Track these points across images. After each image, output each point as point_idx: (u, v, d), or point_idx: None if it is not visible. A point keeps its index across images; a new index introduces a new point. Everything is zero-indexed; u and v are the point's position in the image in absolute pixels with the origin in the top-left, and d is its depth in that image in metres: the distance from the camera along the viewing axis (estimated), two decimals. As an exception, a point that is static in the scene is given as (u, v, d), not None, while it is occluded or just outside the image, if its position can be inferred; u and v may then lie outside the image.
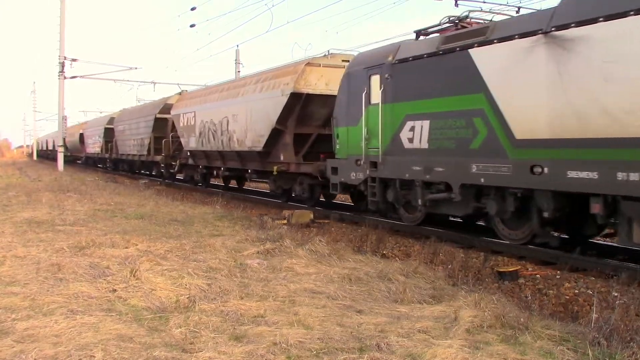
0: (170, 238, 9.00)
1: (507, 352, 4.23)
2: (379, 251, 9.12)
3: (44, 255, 7.54)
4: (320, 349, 4.27)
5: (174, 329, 4.71)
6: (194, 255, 7.57)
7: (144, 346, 4.30)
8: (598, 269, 7.79)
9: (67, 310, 5.15)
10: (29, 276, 6.43)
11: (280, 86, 14.95)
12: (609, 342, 4.40)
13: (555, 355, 4.24)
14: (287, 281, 6.40)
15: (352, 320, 5.01)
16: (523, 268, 8.14)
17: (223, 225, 11.14)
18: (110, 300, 5.56)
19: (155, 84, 36.89)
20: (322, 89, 14.57)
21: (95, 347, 4.20)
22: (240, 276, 6.58)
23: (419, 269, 7.21)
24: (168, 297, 5.64)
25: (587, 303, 6.53)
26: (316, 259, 7.56)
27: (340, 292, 5.96)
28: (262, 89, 16.05)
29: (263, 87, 16.08)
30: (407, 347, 4.28)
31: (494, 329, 4.77)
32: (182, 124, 21.86)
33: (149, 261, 6.96)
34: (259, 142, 15.81)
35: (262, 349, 4.20)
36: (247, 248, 8.22)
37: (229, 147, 17.76)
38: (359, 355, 4.14)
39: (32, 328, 4.67)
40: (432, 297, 5.92)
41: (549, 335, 4.63)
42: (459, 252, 8.82)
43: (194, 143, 20.63)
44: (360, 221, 11.97)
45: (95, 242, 8.33)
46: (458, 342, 4.38)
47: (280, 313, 5.18)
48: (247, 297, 5.70)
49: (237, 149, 17.24)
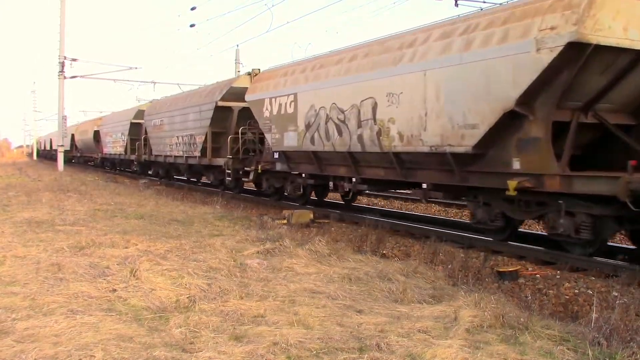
0: (170, 238, 9.00)
1: (507, 352, 4.24)
2: (378, 251, 9.12)
3: (44, 255, 7.54)
4: (320, 348, 4.27)
5: (174, 329, 4.71)
6: (194, 255, 7.57)
7: (144, 346, 4.30)
8: (598, 269, 7.80)
9: (67, 310, 5.15)
10: (29, 276, 6.43)
11: (532, 32, 7.91)
12: (609, 342, 4.40)
13: (555, 355, 4.24)
14: (287, 281, 6.40)
15: (352, 320, 5.01)
16: (523, 268, 8.14)
17: (223, 225, 11.14)
18: (110, 300, 5.56)
19: (155, 83, 36.86)
20: (621, 37, 7.61)
21: (95, 347, 4.20)
22: (240, 276, 6.58)
23: (419, 269, 7.22)
24: (168, 297, 5.64)
25: (587, 303, 6.53)
26: (316, 259, 7.56)
27: (340, 292, 5.96)
28: (474, 43, 8.90)
29: (475, 40, 8.91)
30: (407, 347, 4.28)
31: (494, 329, 4.77)
32: (267, 113, 15.25)
33: (149, 261, 6.96)
34: (462, 137, 9.12)
35: (262, 349, 4.20)
36: (247, 248, 8.23)
37: (374, 147, 11.18)
38: (359, 355, 4.14)
39: (32, 328, 4.67)
40: (432, 297, 5.92)
41: (549, 335, 4.63)
42: (459, 252, 8.82)
43: (294, 140, 14.05)
44: (360, 221, 11.96)
45: (95, 242, 8.33)
46: (458, 342, 4.38)
47: (280, 313, 5.18)
48: (247, 297, 5.70)
49: (397, 150, 10.62)
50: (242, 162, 17.40)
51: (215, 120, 18.89)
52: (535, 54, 7.77)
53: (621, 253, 8.76)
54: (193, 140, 20.65)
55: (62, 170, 32.02)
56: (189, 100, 21.77)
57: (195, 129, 20.42)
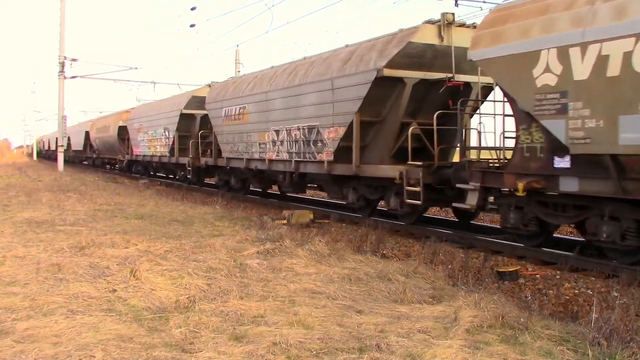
0: (170, 238, 9.00)
1: (507, 352, 4.24)
2: (378, 251, 9.12)
3: (44, 255, 7.54)
4: (320, 349, 4.27)
5: (174, 329, 4.71)
6: (194, 255, 7.57)
7: (144, 346, 4.30)
8: (598, 269, 7.80)
9: (67, 310, 5.15)
10: (29, 276, 6.43)
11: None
12: (609, 342, 4.40)
13: (555, 355, 4.24)
14: (287, 281, 6.40)
15: (352, 320, 5.01)
16: (523, 268, 8.14)
17: (223, 225, 11.15)
18: (110, 300, 5.56)
19: (155, 84, 36.79)
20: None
21: (95, 347, 4.20)
22: (240, 276, 6.58)
23: (419, 269, 7.22)
24: (168, 297, 5.65)
25: (587, 303, 6.53)
26: (316, 259, 7.56)
27: (340, 292, 5.96)
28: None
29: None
30: (407, 347, 4.28)
31: (494, 329, 4.77)
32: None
33: (149, 261, 6.96)
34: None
35: (262, 349, 4.20)
36: (247, 248, 8.23)
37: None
38: (359, 355, 4.14)
39: (32, 328, 4.67)
40: (432, 297, 5.92)
41: (549, 335, 4.63)
42: (459, 252, 8.82)
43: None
44: (360, 221, 11.96)
45: (95, 242, 8.33)
46: (458, 342, 4.38)
47: (280, 313, 5.18)
48: (247, 297, 5.70)
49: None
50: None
51: (367, 103, 11.27)
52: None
53: None
54: (317, 135, 12.78)
55: (62, 170, 32.01)
56: (311, 72, 13.04)
57: (324, 116, 12.37)
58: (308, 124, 13.09)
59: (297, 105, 13.58)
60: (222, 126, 17.81)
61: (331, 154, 12.28)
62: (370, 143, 11.79)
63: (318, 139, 12.75)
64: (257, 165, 15.92)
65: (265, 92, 15.10)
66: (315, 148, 12.93)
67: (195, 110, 21.61)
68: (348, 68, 11.78)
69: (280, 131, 14.39)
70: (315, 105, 12.81)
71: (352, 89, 11.50)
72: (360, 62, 11.46)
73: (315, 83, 12.85)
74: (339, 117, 11.97)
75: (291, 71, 14.30)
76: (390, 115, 11.36)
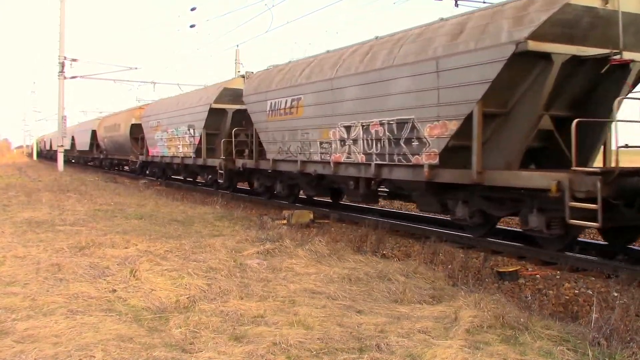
0: (170, 238, 9.00)
1: (507, 352, 4.24)
2: (378, 251, 9.12)
3: (44, 255, 7.54)
4: (320, 349, 4.27)
5: (174, 329, 4.71)
6: (194, 256, 7.57)
7: (144, 346, 4.30)
8: (598, 269, 7.80)
9: (67, 311, 5.15)
10: (29, 276, 6.43)
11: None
12: (609, 342, 4.40)
13: (555, 355, 4.24)
14: (287, 281, 6.40)
15: (352, 321, 5.01)
16: (523, 268, 8.14)
17: (223, 225, 11.15)
18: (110, 300, 5.56)
19: (155, 84, 36.79)
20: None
21: (95, 347, 4.20)
22: (240, 276, 6.58)
23: (419, 269, 7.21)
24: (168, 297, 5.64)
25: (587, 303, 6.54)
26: (316, 259, 7.56)
27: (340, 292, 5.96)
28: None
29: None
30: (407, 347, 4.28)
31: (494, 329, 4.77)
32: None
33: (148, 261, 6.96)
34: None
35: (262, 349, 4.20)
36: (247, 248, 8.22)
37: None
38: (359, 355, 4.14)
39: (32, 328, 4.67)
40: (432, 297, 5.92)
41: (548, 335, 4.63)
42: (459, 252, 8.82)
43: None
44: (360, 221, 11.97)
45: (95, 242, 8.33)
46: (458, 342, 4.38)
47: (280, 313, 5.18)
48: (247, 297, 5.70)
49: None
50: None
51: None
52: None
53: (621, 254, 8.76)
54: (410, 131, 10.02)
55: (62, 170, 32.02)
56: (400, 52, 10.45)
57: (424, 107, 9.70)
58: (397, 117, 10.18)
59: (380, 95, 10.64)
60: (266, 122, 14.75)
61: (435, 156, 9.45)
62: (491, 142, 9.00)
63: (413, 136, 9.92)
64: (316, 170, 12.86)
65: (330, 79, 11.99)
66: (407, 148, 10.06)
67: (227, 105, 18.75)
68: (463, 43, 8.96)
69: (352, 127, 11.38)
70: (410, 94, 9.94)
71: (472, 70, 8.70)
72: (482, 35, 8.70)
73: (408, 65, 9.99)
74: (448, 108, 9.17)
75: (365, 52, 11.46)
76: (523, 105, 8.69)
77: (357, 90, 11.30)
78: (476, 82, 8.61)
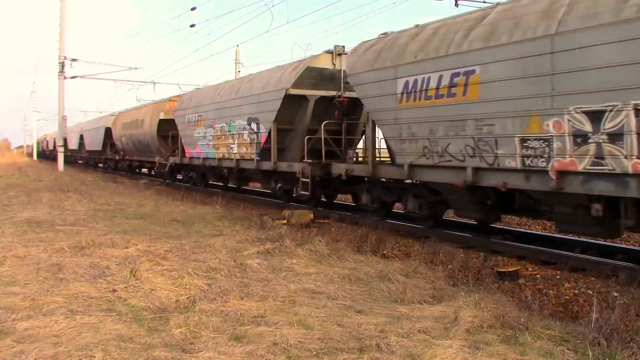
0: (170, 238, 9.00)
1: (507, 352, 4.24)
2: (379, 251, 9.12)
3: (44, 255, 7.55)
4: (320, 349, 4.27)
5: (174, 329, 4.71)
6: (194, 256, 7.57)
7: (144, 346, 4.30)
8: (598, 269, 7.79)
9: (67, 310, 5.15)
10: (29, 276, 6.43)
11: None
12: (609, 342, 4.40)
13: (555, 355, 4.24)
14: (287, 281, 6.40)
15: (352, 321, 5.01)
16: (523, 268, 8.14)
17: (223, 225, 11.15)
18: (110, 300, 5.56)
19: (155, 84, 36.77)
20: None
21: (95, 347, 4.20)
22: (240, 276, 6.58)
23: (419, 269, 7.22)
24: (168, 297, 5.65)
25: (587, 303, 6.53)
26: (316, 259, 7.56)
27: (340, 292, 5.96)
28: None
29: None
30: (407, 347, 4.28)
31: (494, 329, 4.77)
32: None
33: (149, 261, 6.97)
34: None
35: (262, 349, 4.20)
36: (247, 248, 8.23)
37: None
38: (359, 355, 4.14)
39: (32, 328, 4.67)
40: (432, 297, 5.92)
41: (549, 335, 4.63)
42: (459, 252, 8.81)
43: None
44: (360, 221, 11.96)
45: (95, 242, 8.33)
46: (458, 342, 4.38)
47: (280, 313, 5.18)
48: (247, 297, 5.70)
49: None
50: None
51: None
52: None
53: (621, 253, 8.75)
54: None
55: (62, 170, 32.03)
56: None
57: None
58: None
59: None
60: (395, 110, 10.24)
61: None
62: None
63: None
64: (507, 182, 8.35)
65: (548, 36, 7.55)
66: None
67: (308, 90, 14.02)
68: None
69: (607, 113, 6.90)
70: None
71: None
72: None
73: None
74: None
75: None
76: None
77: (619, 50, 6.78)
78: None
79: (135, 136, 27.32)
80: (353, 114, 14.00)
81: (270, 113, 14.53)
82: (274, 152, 14.61)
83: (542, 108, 7.71)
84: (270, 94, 14.66)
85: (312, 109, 14.11)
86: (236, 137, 16.62)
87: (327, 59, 14.25)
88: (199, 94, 20.89)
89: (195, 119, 19.66)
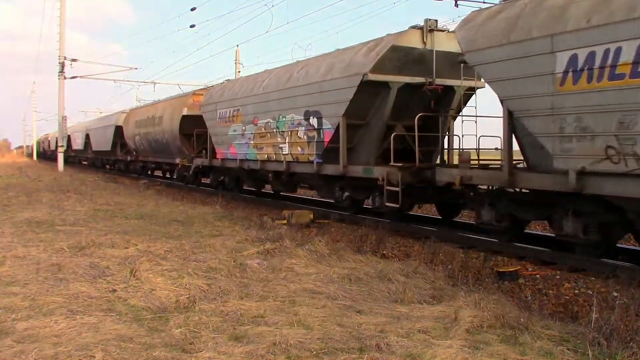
0: (170, 238, 9.00)
1: (507, 352, 4.23)
2: (378, 251, 9.12)
3: (44, 255, 7.54)
4: (320, 349, 4.27)
5: (174, 329, 4.71)
6: (194, 256, 7.57)
7: (144, 346, 4.30)
8: (598, 269, 7.79)
9: (67, 310, 5.15)
10: (29, 276, 6.43)
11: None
12: (609, 342, 4.40)
13: (555, 355, 4.24)
14: (287, 281, 6.40)
15: (352, 321, 5.01)
16: (523, 268, 8.13)
17: (223, 225, 11.15)
18: (110, 300, 5.56)
19: (155, 84, 36.77)
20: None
21: (95, 347, 4.20)
22: (240, 276, 6.58)
23: (419, 269, 7.21)
24: (168, 297, 5.64)
25: (587, 303, 6.53)
26: (316, 259, 7.56)
27: (340, 292, 5.96)
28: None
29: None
30: (407, 347, 4.28)
31: (494, 329, 4.77)
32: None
33: (148, 261, 6.97)
34: None
35: (262, 349, 4.20)
36: (247, 248, 8.23)
37: None
38: (359, 355, 4.14)
39: (32, 328, 4.67)
40: (432, 297, 5.92)
41: (548, 335, 4.63)
42: (459, 252, 8.81)
43: None
44: (360, 221, 11.95)
45: (95, 242, 8.33)
46: (458, 342, 4.38)
47: (280, 313, 5.18)
48: (247, 297, 5.70)
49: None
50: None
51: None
52: None
53: (621, 254, 8.75)
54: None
55: (62, 170, 32.03)
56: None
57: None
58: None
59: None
60: (555, 95, 7.54)
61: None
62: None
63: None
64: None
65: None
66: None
67: (392, 76, 11.18)
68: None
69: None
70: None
71: None
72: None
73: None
74: None
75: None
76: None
77: None
78: None
79: (151, 135, 24.47)
80: (444, 104, 11.47)
81: (339, 105, 11.63)
82: (344, 153, 11.79)
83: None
84: (339, 80, 11.74)
85: (393, 99, 11.18)
86: (287, 135, 13.76)
87: (416, 36, 11.27)
88: (232, 85, 18.00)
89: (230, 114, 16.75)
